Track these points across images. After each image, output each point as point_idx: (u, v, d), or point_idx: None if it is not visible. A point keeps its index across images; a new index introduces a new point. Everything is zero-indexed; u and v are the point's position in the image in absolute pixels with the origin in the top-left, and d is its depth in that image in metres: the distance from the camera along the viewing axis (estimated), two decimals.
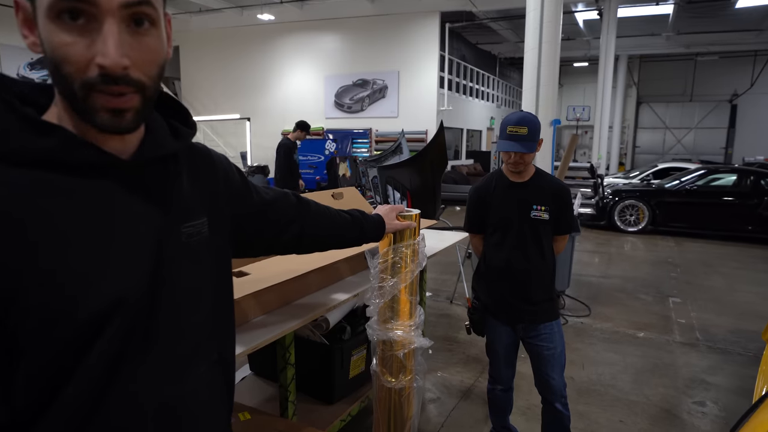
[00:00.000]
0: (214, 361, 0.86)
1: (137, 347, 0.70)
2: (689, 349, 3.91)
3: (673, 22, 14.66)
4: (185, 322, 0.78)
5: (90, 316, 0.64)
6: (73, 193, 0.65)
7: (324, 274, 1.91)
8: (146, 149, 0.73)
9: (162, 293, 0.73)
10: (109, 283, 0.66)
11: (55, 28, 0.61)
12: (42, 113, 0.69)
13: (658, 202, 8.73)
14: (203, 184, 0.86)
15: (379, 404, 1.66)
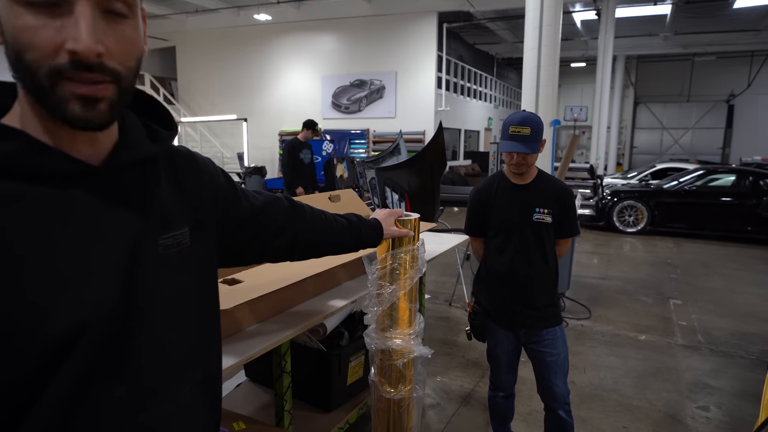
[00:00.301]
0: (198, 381, 0.80)
1: (109, 370, 0.64)
2: (691, 352, 3.86)
3: (671, 23, 14.65)
4: (164, 341, 0.72)
5: (51, 342, 0.58)
6: (30, 204, 0.58)
7: (321, 280, 1.86)
8: (120, 153, 0.67)
9: (137, 311, 0.67)
10: (70, 305, 0.60)
11: (19, 8, 0.55)
12: (2, 115, 0.63)
13: (657, 202, 8.70)
14: (185, 191, 0.79)
15: (378, 415, 1.60)
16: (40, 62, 0.56)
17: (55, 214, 0.60)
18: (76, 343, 0.59)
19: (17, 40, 0.56)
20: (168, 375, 0.73)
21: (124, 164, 0.67)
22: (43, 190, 0.59)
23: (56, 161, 0.60)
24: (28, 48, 0.56)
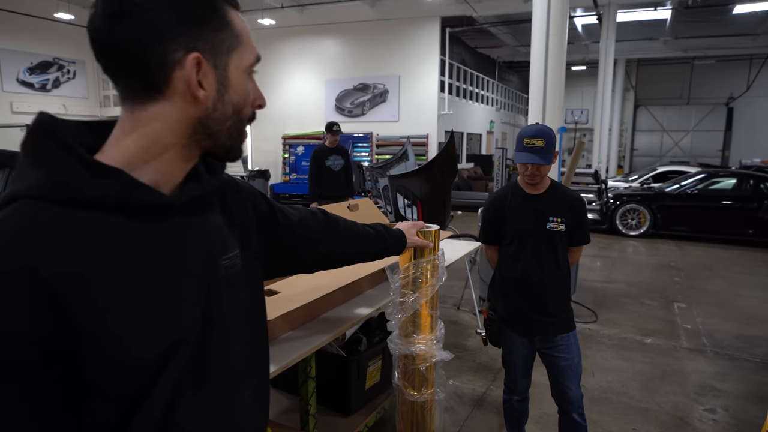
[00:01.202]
0: (255, 389, 0.87)
1: (191, 382, 0.71)
2: (697, 355, 3.93)
3: (671, 27, 14.75)
4: (229, 352, 0.78)
5: (153, 358, 0.64)
6: (130, 235, 0.65)
7: (346, 289, 1.92)
8: (191, 187, 0.74)
9: (210, 325, 0.74)
10: (171, 325, 0.67)
11: (247, 77, 0.74)
12: (91, 153, 0.69)
13: (659, 205, 8.77)
14: (233, 215, 0.86)
15: (402, 418, 1.67)
16: (246, 115, 0.75)
17: (150, 246, 0.66)
18: (172, 357, 0.66)
19: (244, 100, 0.74)
20: (233, 382, 0.79)
21: (192, 196, 0.74)
22: (137, 225, 0.66)
23: (151, 196, 0.66)
24: (246, 105, 0.74)
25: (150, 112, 0.67)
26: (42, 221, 0.59)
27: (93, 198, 0.62)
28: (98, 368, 0.60)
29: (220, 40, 0.68)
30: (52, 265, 0.57)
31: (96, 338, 0.59)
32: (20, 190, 0.61)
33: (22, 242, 0.57)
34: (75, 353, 0.58)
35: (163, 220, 0.69)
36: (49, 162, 0.62)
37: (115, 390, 0.62)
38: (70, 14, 13.20)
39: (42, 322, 0.55)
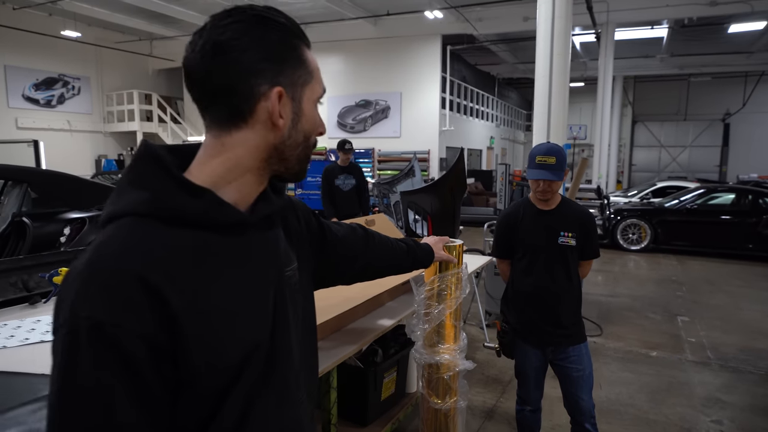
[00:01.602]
0: (309, 392, 0.95)
1: (265, 379, 0.79)
2: (702, 367, 3.98)
3: (667, 45, 15.03)
4: (292, 356, 0.86)
5: (237, 358, 0.73)
6: (215, 249, 0.73)
7: (369, 302, 2.00)
8: (262, 206, 0.83)
9: (277, 332, 0.82)
10: (250, 330, 0.75)
11: (314, 109, 0.82)
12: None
13: (660, 220, 8.87)
14: (291, 231, 0.95)
15: (426, 425, 1.73)
16: (313, 140, 0.83)
17: (234, 258, 0.75)
18: (251, 358, 0.74)
19: (313, 126, 0.82)
20: (294, 381, 0.87)
21: (264, 215, 0.83)
22: (221, 239, 0.74)
23: (231, 214, 0.75)
24: (313, 132, 0.83)
25: (234, 138, 0.76)
26: (148, 236, 0.68)
27: (188, 216, 0.71)
28: (193, 366, 0.68)
29: (297, 75, 0.78)
30: (158, 275, 0.65)
31: (194, 339, 0.67)
32: (125, 207, 0.70)
33: (134, 255, 0.65)
34: (175, 352, 0.66)
35: (240, 234, 0.77)
36: (153, 184, 0.71)
37: (205, 386, 0.70)
38: (76, 32, 13.44)
39: (151, 324, 0.63)
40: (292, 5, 12.14)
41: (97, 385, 0.60)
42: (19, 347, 1.66)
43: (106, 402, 0.61)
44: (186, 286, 0.67)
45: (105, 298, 0.61)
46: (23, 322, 1.88)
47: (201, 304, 0.68)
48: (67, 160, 12.74)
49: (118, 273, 0.63)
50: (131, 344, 0.62)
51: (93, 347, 0.60)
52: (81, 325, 0.60)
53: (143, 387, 0.63)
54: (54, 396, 0.62)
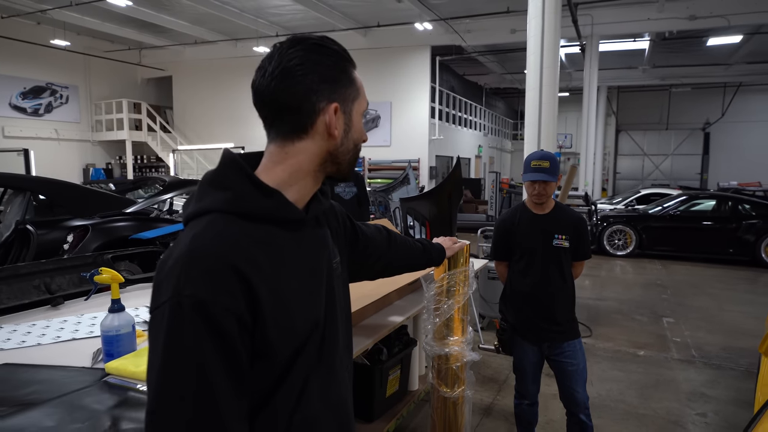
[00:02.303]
0: (349, 370, 1.07)
1: (319, 355, 0.91)
2: (687, 365, 4.16)
3: (649, 57, 15.49)
4: (337, 337, 0.99)
5: (303, 333, 0.85)
6: (283, 241, 0.87)
7: (379, 300, 2.13)
8: (314, 206, 0.96)
9: (329, 317, 0.95)
10: (311, 311, 0.88)
11: (362, 122, 0.97)
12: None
13: (644, 226, 9.13)
14: (335, 230, 1.09)
15: (436, 413, 1.86)
16: (360, 147, 0.96)
17: (297, 248, 0.88)
18: (312, 335, 0.87)
19: (360, 134, 0.95)
20: (339, 361, 1.00)
21: (316, 213, 0.96)
22: (284, 233, 0.87)
23: (295, 212, 0.88)
24: (360, 140, 0.96)
25: (297, 148, 0.89)
26: (233, 229, 0.81)
27: (261, 212, 0.84)
28: (268, 339, 0.80)
29: (348, 93, 0.91)
30: (245, 262, 0.78)
31: (270, 316, 0.80)
32: (211, 205, 0.83)
33: (226, 244, 0.78)
34: (254, 327, 0.78)
35: (299, 230, 0.91)
36: (234, 185, 0.84)
37: (277, 359, 0.82)
38: (65, 41, 13.43)
39: (240, 301, 0.76)
40: (283, 16, 12.31)
41: (196, 352, 0.73)
42: (53, 344, 1.76)
43: (203, 365, 0.73)
44: (264, 272, 0.80)
45: (207, 280, 0.74)
46: (51, 322, 1.97)
47: (275, 288, 0.81)
48: (55, 169, 12.66)
49: (215, 259, 0.76)
50: (226, 320, 0.74)
51: (195, 320, 0.72)
52: (185, 302, 0.73)
53: (233, 355, 0.75)
54: (157, 361, 0.74)
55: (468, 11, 11.24)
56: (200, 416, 0.73)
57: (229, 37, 13.87)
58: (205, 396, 0.73)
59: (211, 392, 0.73)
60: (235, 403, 0.76)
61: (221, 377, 0.74)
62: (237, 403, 0.77)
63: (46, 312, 2.13)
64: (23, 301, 2.11)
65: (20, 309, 2.10)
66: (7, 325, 1.94)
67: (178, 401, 0.73)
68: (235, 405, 0.76)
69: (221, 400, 0.74)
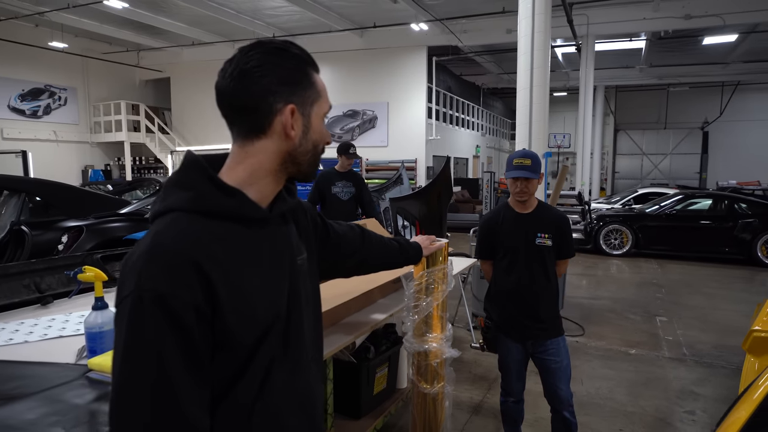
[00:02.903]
0: (317, 362, 1.10)
1: (282, 347, 0.94)
2: (678, 363, 4.19)
3: (646, 56, 15.53)
4: (303, 331, 1.02)
5: (263, 326, 0.89)
6: (245, 238, 0.90)
7: (362, 298, 2.16)
8: (279, 205, 0.99)
9: (292, 310, 0.98)
10: (271, 304, 0.91)
11: (323, 124, 0.99)
12: None
13: (641, 226, 9.16)
14: (302, 227, 1.12)
15: (416, 408, 1.89)
16: (321, 148, 0.99)
17: (257, 245, 0.91)
18: (272, 328, 0.90)
19: (321, 137, 0.98)
20: (305, 353, 1.03)
21: (280, 211, 0.99)
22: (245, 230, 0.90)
23: (256, 210, 0.91)
24: (321, 142, 0.98)
25: (256, 147, 0.92)
26: (195, 227, 0.84)
27: (223, 211, 0.87)
28: (228, 331, 0.83)
29: (308, 95, 0.94)
30: (205, 258, 0.81)
31: (228, 309, 0.83)
32: (174, 204, 0.86)
33: (186, 241, 0.81)
34: (214, 318, 0.82)
35: (262, 227, 0.94)
36: (196, 185, 0.87)
37: (238, 349, 0.86)
38: (63, 43, 13.48)
39: (199, 295, 0.79)
40: (279, 17, 12.35)
41: (156, 343, 0.76)
42: (40, 341, 1.79)
43: (162, 356, 0.76)
44: (224, 267, 0.83)
45: (166, 275, 0.77)
46: (39, 320, 2.00)
47: (235, 282, 0.84)
48: (54, 170, 12.70)
49: (174, 255, 0.79)
50: (185, 313, 0.77)
51: (156, 313, 0.76)
52: (145, 296, 0.76)
53: (192, 347, 0.79)
54: (120, 352, 0.77)
55: (463, 11, 11.28)
56: (160, 405, 0.76)
57: (226, 39, 13.91)
58: (165, 386, 0.76)
59: (170, 383, 0.76)
60: (195, 393, 0.79)
61: (180, 368, 0.78)
62: (197, 393, 0.80)
63: (36, 311, 2.16)
64: (13, 300, 2.15)
65: (10, 308, 2.14)
66: None
67: (139, 391, 0.76)
68: (194, 395, 0.79)
69: (180, 390, 0.77)
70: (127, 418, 0.76)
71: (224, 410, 0.86)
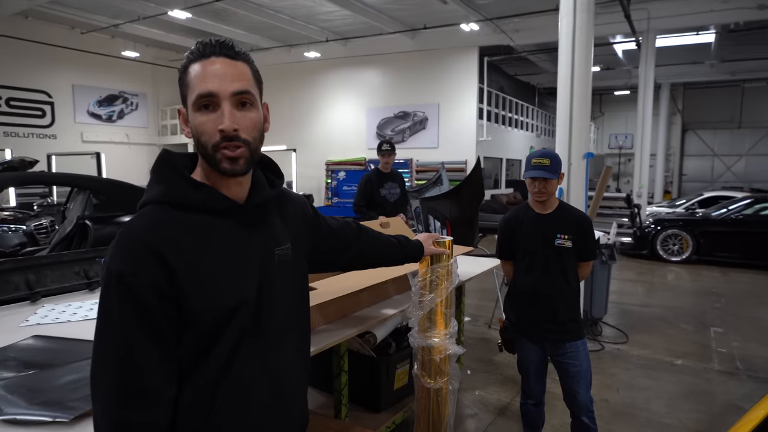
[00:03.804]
0: (297, 348, 1.18)
1: (250, 330, 1.03)
2: (728, 377, 3.94)
3: (716, 50, 14.53)
4: (278, 317, 1.10)
5: (225, 310, 0.98)
6: (213, 227, 1.00)
7: (374, 293, 2.23)
8: (254, 196, 1.08)
9: (263, 296, 1.06)
10: (236, 288, 1.00)
11: (197, 115, 0.99)
12: (190, 172, 1.05)
13: (703, 231, 8.61)
14: (288, 219, 1.20)
15: (419, 403, 1.93)
16: (208, 141, 0.98)
17: (226, 235, 1.01)
18: (238, 311, 1.00)
19: (197, 131, 0.98)
20: (279, 336, 1.11)
21: (255, 203, 1.07)
22: (217, 220, 1.00)
23: (225, 201, 1.01)
24: (202, 134, 0.98)
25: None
26: (161, 217, 0.96)
27: (192, 203, 0.98)
28: (192, 311, 0.94)
29: (185, 92, 1.02)
30: (166, 244, 0.92)
31: (191, 290, 0.93)
32: (149, 197, 0.99)
33: (150, 231, 0.93)
34: (178, 299, 0.92)
35: (234, 217, 1.03)
36: (167, 180, 0.98)
37: (203, 327, 0.96)
38: (135, 52, 14.51)
39: (160, 277, 0.90)
40: (332, 21, 12.65)
41: (120, 317, 0.88)
42: (81, 321, 2.00)
43: (126, 328, 0.88)
44: (185, 251, 0.94)
45: (125, 257, 0.89)
46: (84, 303, 2.23)
47: (196, 265, 0.95)
48: (125, 170, 13.66)
49: (135, 241, 0.92)
50: (142, 289, 0.89)
51: (118, 290, 0.88)
52: (111, 276, 0.89)
53: (152, 321, 0.90)
54: (96, 324, 0.90)
55: (515, 10, 11.06)
56: (124, 372, 0.88)
57: (282, 44, 14.41)
58: (127, 355, 0.88)
59: (132, 352, 0.88)
60: (157, 363, 0.90)
61: (141, 339, 0.89)
62: (159, 363, 0.91)
63: (83, 295, 2.40)
64: (64, 285, 2.40)
65: (62, 292, 2.39)
66: (48, 305, 2.22)
67: (107, 358, 0.88)
68: (156, 364, 0.90)
69: (142, 359, 0.89)
70: (98, 381, 0.89)
71: (192, 383, 0.96)
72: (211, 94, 0.96)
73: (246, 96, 0.99)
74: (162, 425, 0.92)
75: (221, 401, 0.98)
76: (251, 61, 1.05)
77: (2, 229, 5.82)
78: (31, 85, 13.33)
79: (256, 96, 1.03)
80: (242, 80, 0.99)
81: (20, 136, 13.20)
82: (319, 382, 2.95)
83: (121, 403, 0.88)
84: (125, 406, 0.88)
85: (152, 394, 0.89)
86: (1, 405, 1.26)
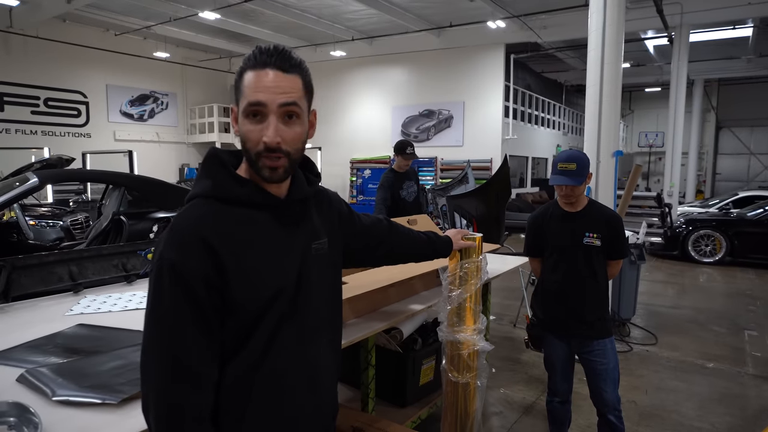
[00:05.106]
0: (330, 339, 1.22)
1: (288, 318, 1.08)
2: (762, 381, 3.84)
3: (754, 45, 14.05)
4: (313, 307, 1.15)
5: (267, 296, 1.03)
6: (257, 221, 1.05)
7: (402, 288, 2.26)
8: (292, 193, 1.12)
9: (301, 287, 1.10)
10: (276, 279, 1.05)
11: (246, 121, 1.03)
12: (236, 169, 1.10)
13: (737, 232, 8.36)
14: (324, 215, 1.24)
15: (446, 397, 1.95)
16: (252, 147, 1.03)
17: (268, 228, 1.06)
18: (278, 298, 1.04)
19: (244, 136, 1.04)
20: (315, 325, 1.15)
21: (294, 200, 1.12)
22: (259, 214, 1.05)
23: (267, 197, 1.06)
24: (247, 140, 1.03)
25: None
26: (209, 211, 1.01)
27: (237, 198, 1.03)
28: (235, 300, 0.99)
29: (238, 96, 1.05)
30: (214, 235, 0.97)
31: (235, 280, 0.98)
32: (197, 191, 1.04)
33: (201, 224, 0.98)
34: (223, 290, 0.97)
35: (276, 212, 1.08)
36: (215, 176, 1.03)
37: (245, 315, 1.01)
38: (166, 53, 14.88)
39: (209, 268, 0.95)
40: (358, 20, 12.71)
41: (171, 304, 0.94)
42: (121, 312, 2.09)
43: (176, 315, 0.93)
44: (232, 244, 0.99)
45: (179, 249, 0.95)
46: (123, 294, 2.33)
47: (242, 257, 1.00)
48: (156, 168, 14.04)
49: (188, 233, 0.97)
50: (192, 279, 0.94)
51: (170, 278, 0.93)
52: (164, 265, 0.94)
53: (200, 309, 0.95)
54: (147, 310, 0.95)
55: (543, 6, 10.92)
56: (175, 357, 0.93)
57: (308, 43, 14.55)
58: (179, 338, 0.93)
59: (182, 336, 0.93)
60: (204, 351, 0.95)
61: (189, 324, 0.95)
62: (205, 350, 0.96)
63: (122, 287, 2.50)
64: (104, 277, 2.50)
65: (102, 284, 2.49)
66: (90, 295, 2.32)
67: (159, 342, 0.93)
68: (204, 351, 0.95)
69: (192, 344, 0.94)
70: (149, 364, 0.94)
71: (233, 366, 1.01)
72: (260, 103, 1.00)
73: (293, 108, 1.03)
74: (208, 406, 0.97)
75: (259, 385, 1.03)
76: (305, 71, 1.08)
77: (41, 224, 6.08)
78: (68, 85, 13.80)
79: (304, 108, 1.07)
80: (292, 93, 1.02)
81: (57, 135, 13.69)
82: (346, 376, 3.00)
83: (172, 384, 0.93)
84: (176, 388, 0.93)
85: (201, 377, 0.95)
86: (54, 387, 1.34)
